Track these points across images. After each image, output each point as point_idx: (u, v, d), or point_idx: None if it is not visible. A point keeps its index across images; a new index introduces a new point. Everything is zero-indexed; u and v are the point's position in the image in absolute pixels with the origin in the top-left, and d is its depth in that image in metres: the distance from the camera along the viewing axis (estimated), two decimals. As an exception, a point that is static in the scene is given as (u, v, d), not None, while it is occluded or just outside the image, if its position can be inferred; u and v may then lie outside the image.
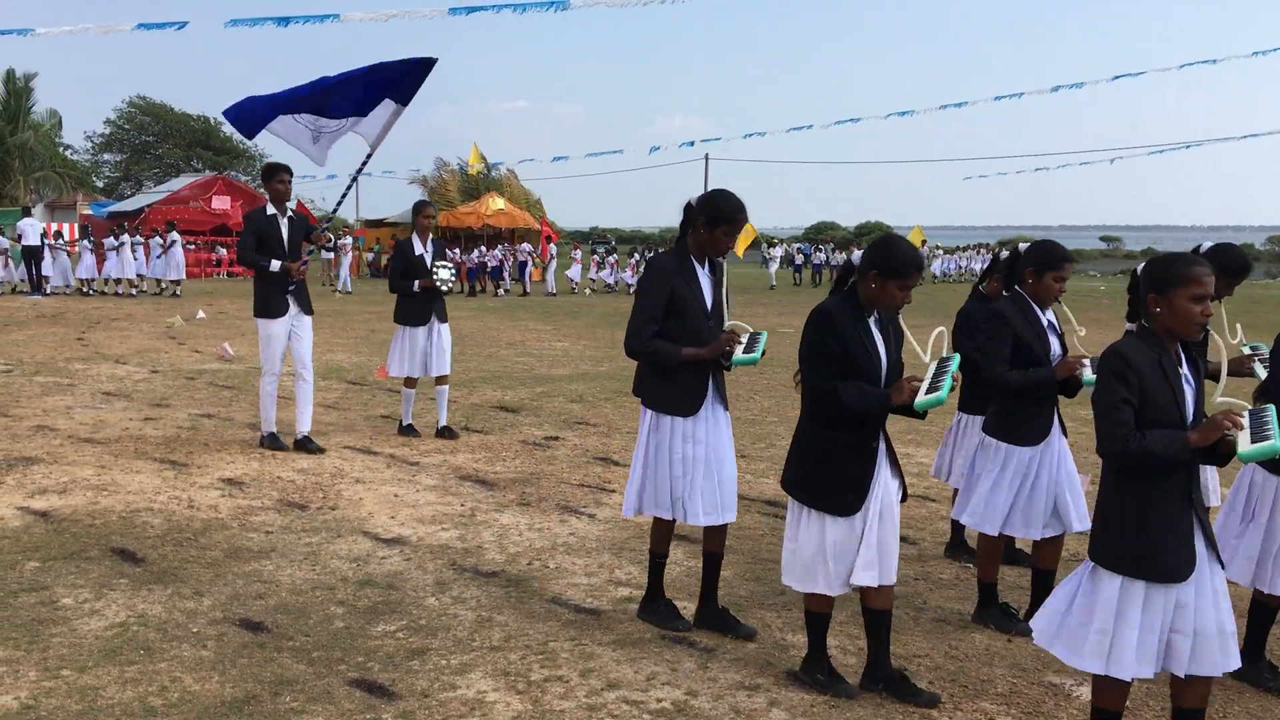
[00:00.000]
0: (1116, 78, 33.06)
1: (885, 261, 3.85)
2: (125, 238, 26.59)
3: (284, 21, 15.06)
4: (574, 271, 33.52)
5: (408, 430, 8.62)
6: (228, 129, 64.94)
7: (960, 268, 47.48)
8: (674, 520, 4.50)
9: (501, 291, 30.59)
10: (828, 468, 3.88)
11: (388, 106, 7.54)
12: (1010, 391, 4.58)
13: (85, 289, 26.18)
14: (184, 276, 27.10)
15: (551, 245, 34.44)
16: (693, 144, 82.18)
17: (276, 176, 7.80)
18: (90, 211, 40.52)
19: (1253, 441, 3.10)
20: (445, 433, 8.55)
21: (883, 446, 3.93)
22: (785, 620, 4.68)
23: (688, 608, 4.70)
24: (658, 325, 4.35)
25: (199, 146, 63.31)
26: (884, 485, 3.89)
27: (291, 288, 7.72)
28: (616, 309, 24.56)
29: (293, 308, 7.76)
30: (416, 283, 8.26)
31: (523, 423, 9.36)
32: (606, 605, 4.84)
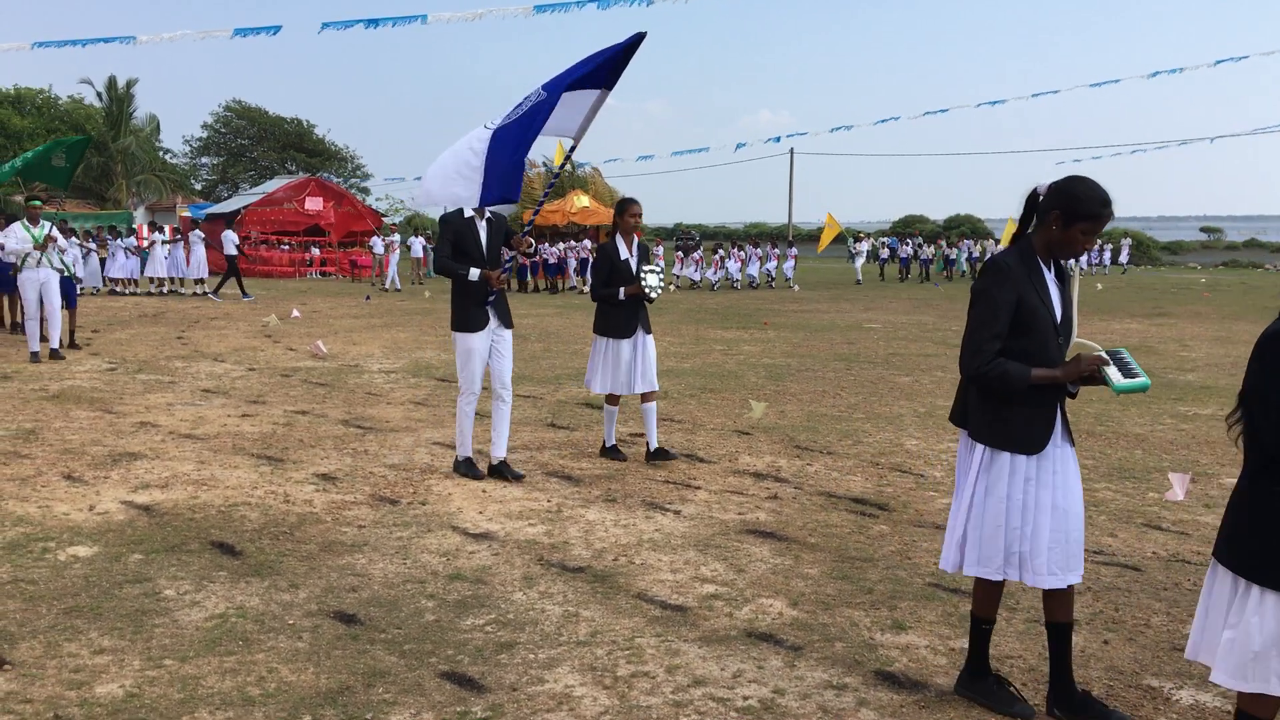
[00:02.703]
0: (1219, 62, 31.92)
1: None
2: (156, 236, 27.44)
3: (374, 23, 15.35)
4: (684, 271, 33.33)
5: (611, 453, 7.79)
6: (320, 131, 66.58)
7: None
8: (1003, 581, 3.74)
9: (568, 288, 30.74)
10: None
11: (588, 94, 6.76)
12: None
13: (120, 289, 26.79)
14: (207, 275, 27.70)
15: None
16: (779, 139, 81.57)
17: None
18: (189, 214, 41.70)
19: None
20: (660, 455, 7.65)
21: None
22: (873, 619, 4.63)
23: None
24: (1002, 342, 3.57)
25: (292, 149, 64.73)
26: None
27: (491, 298, 7.04)
28: (700, 305, 24.54)
29: (492, 321, 7.06)
30: (621, 290, 7.44)
31: (608, 419, 9.40)
32: (692, 602, 4.84)
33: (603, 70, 6.63)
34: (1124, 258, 49.39)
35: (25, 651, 4.18)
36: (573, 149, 7.16)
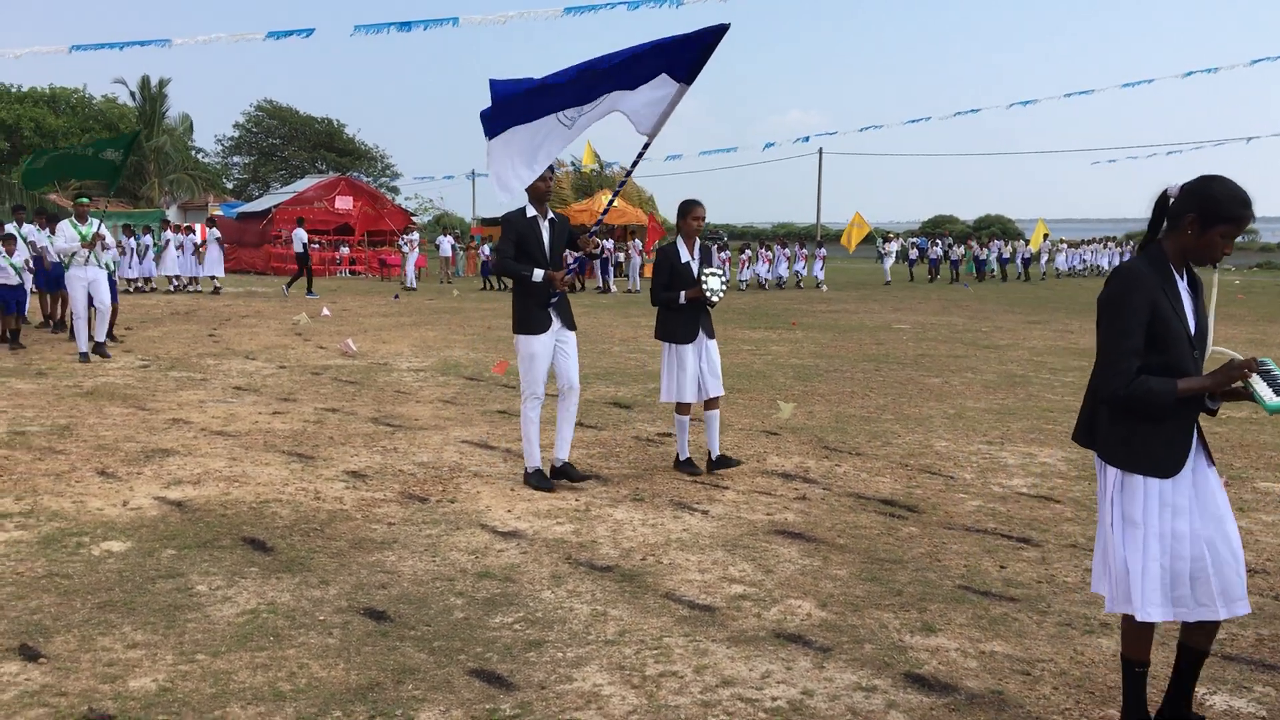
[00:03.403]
0: (1255, 61, 31.60)
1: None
2: (168, 235, 27.71)
3: (406, 26, 15.43)
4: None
5: (685, 465, 7.43)
6: (350, 130, 67.05)
7: (1085, 262, 46.01)
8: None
9: (594, 287, 30.81)
10: None
11: (666, 84, 6.42)
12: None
13: (131, 288, 27.01)
14: (222, 274, 27.93)
15: (636, 240, 34.36)
16: (808, 139, 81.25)
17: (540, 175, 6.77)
18: (220, 212, 42.07)
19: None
20: (722, 463, 7.43)
21: None
22: (902, 621, 4.61)
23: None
24: (1141, 358, 3.27)
25: (323, 148, 65.20)
26: None
27: (554, 300, 6.83)
28: (728, 305, 24.49)
29: (555, 322, 6.85)
30: (682, 294, 7.19)
31: (636, 419, 9.41)
32: (720, 602, 4.84)
33: (681, 63, 6.34)
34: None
35: (60, 645, 4.23)
36: (646, 147, 6.76)
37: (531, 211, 6.82)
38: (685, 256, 7.29)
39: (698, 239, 7.39)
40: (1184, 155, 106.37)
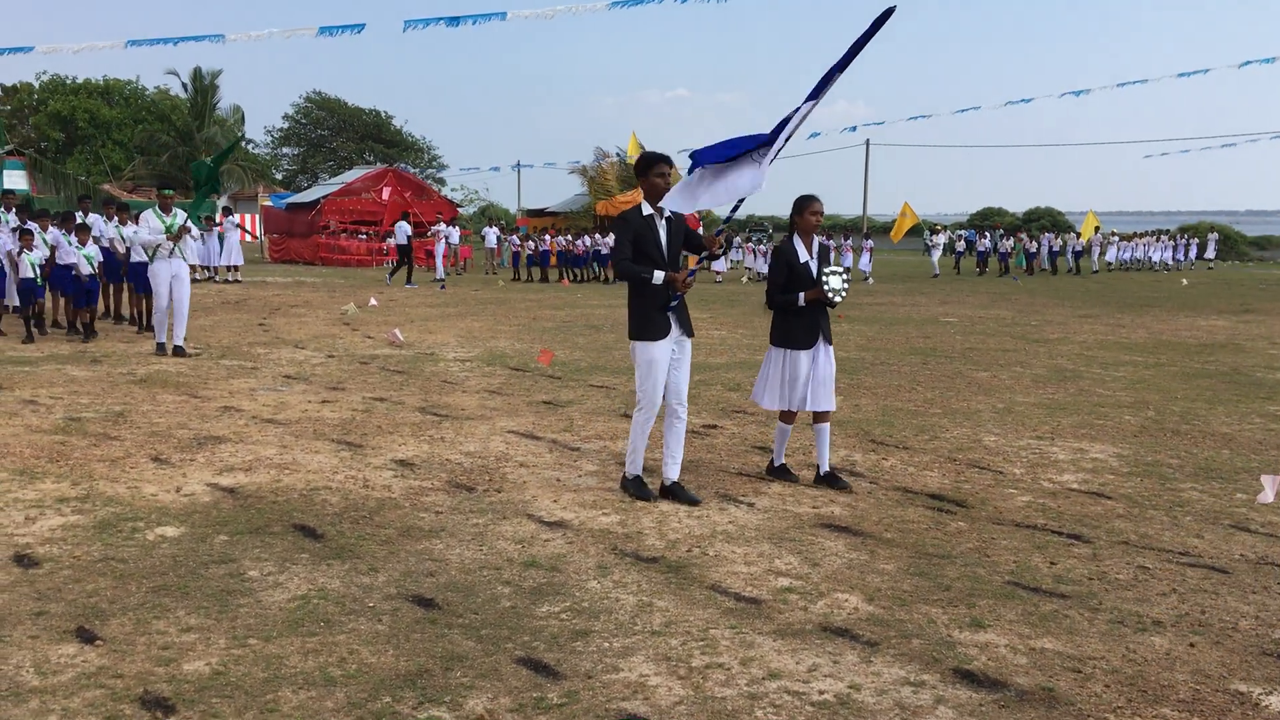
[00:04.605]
0: (1313, 51, 30.94)
1: None
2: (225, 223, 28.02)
3: (454, 21, 15.51)
4: (720, 264, 33.05)
5: (780, 472, 7.02)
6: (398, 122, 67.46)
7: (1137, 257, 45.29)
8: None
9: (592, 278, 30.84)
10: None
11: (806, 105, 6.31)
12: None
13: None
14: (242, 263, 28.03)
15: None
16: (854, 129, 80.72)
17: (654, 169, 6.34)
18: (270, 203, 42.53)
19: None
20: (831, 481, 6.81)
21: None
22: (951, 617, 4.58)
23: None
24: None
25: (370, 140, 65.70)
26: None
27: (674, 303, 6.34)
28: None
29: (674, 329, 6.37)
30: (801, 295, 6.73)
31: (682, 410, 9.39)
32: (766, 595, 4.83)
33: (849, 55, 6.13)
34: (1210, 253, 48.08)
35: (116, 628, 4.30)
36: (798, 125, 6.42)
37: (648, 209, 6.35)
38: (804, 255, 6.80)
39: (815, 236, 6.91)
40: (1239, 148, 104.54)
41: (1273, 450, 8.07)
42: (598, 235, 32.31)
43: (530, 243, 31.46)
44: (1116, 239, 45.74)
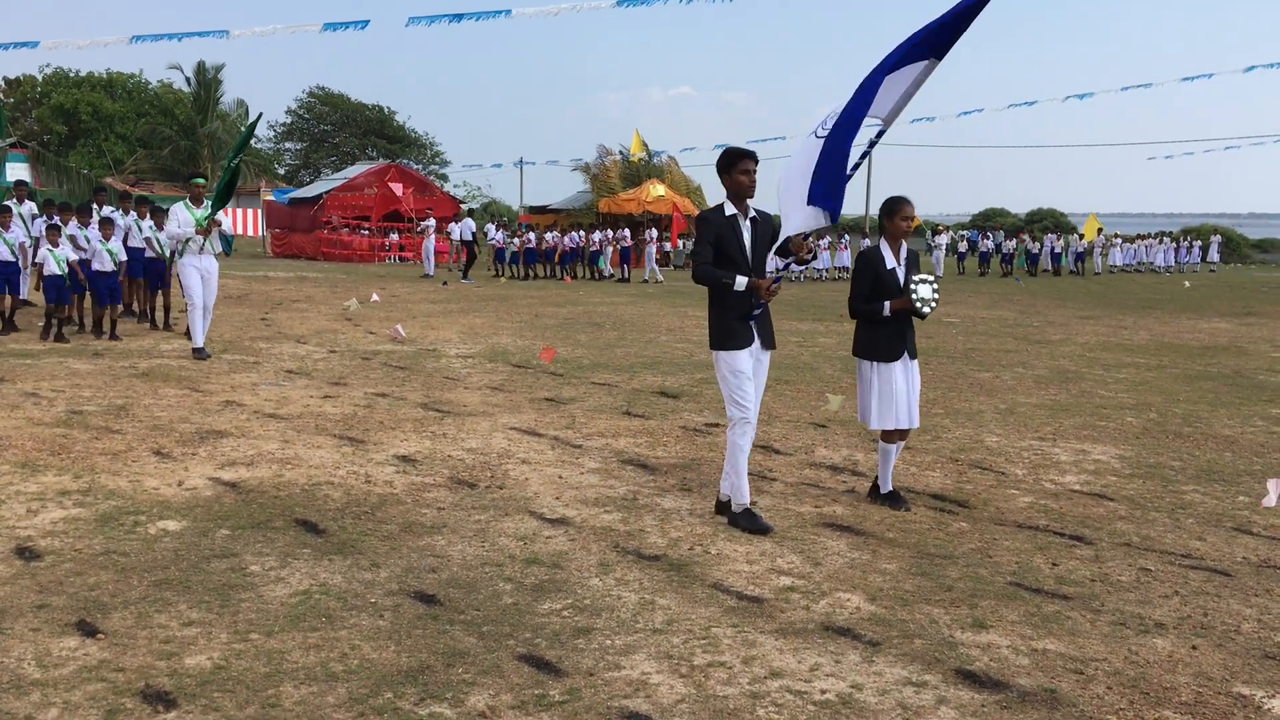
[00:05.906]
0: (1317, 55, 30.97)
1: None
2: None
3: (458, 18, 15.50)
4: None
5: (890, 499, 6.38)
6: (401, 118, 67.42)
7: (1139, 258, 45.24)
8: None
9: (604, 275, 30.77)
10: None
11: (913, 68, 5.71)
12: None
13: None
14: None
15: (652, 229, 33.99)
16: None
17: (738, 166, 5.84)
18: (273, 198, 42.49)
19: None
20: (892, 500, 6.38)
21: None
22: (953, 617, 4.57)
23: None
24: None
25: (373, 135, 65.63)
26: None
27: (757, 312, 5.94)
28: (777, 297, 24.35)
29: (756, 340, 5.97)
30: (886, 304, 6.24)
31: (683, 409, 9.40)
32: (768, 594, 4.82)
33: (930, 40, 5.62)
34: (1213, 255, 48.04)
35: (117, 621, 4.30)
36: (880, 134, 6.08)
37: (731, 209, 5.88)
38: (890, 262, 6.31)
39: (903, 242, 6.40)
40: (1242, 151, 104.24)
41: (1275, 453, 8.06)
42: (595, 233, 32.15)
43: (516, 240, 30.80)
44: (1119, 240, 45.69)
